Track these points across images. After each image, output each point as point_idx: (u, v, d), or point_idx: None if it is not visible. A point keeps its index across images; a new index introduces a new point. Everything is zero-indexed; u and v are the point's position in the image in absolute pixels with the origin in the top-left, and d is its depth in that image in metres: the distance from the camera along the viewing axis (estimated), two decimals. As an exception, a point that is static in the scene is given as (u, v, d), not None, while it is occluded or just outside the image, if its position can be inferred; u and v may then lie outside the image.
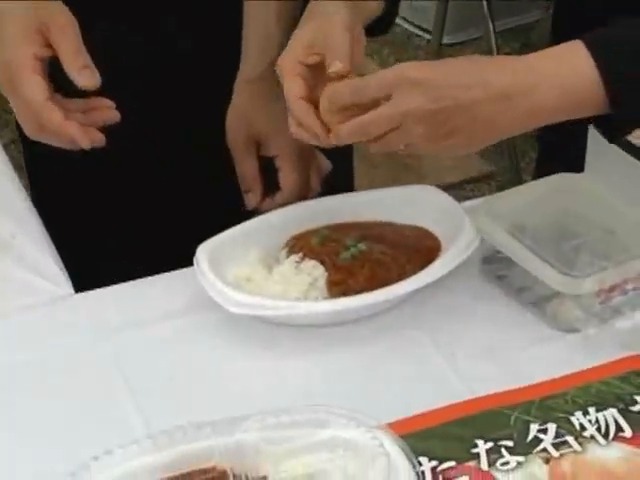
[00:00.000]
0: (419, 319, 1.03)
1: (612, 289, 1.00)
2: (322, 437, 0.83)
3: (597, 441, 0.89)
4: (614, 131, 0.99)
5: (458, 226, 1.05)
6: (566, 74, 0.94)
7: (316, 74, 0.98)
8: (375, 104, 0.94)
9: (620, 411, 0.92)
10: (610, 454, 0.88)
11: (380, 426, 0.86)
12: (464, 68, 0.95)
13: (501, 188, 2.49)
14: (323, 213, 1.09)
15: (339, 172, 1.32)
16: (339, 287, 1.01)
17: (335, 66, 0.96)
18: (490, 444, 0.89)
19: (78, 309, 1.05)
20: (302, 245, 1.04)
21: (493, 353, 0.99)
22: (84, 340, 1.01)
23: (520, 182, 2.42)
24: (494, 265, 1.06)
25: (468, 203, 1.12)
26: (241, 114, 1.13)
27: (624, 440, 0.89)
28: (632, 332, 0.99)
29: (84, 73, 1.00)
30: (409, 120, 0.92)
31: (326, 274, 1.02)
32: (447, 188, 2.57)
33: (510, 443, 0.89)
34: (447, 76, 0.93)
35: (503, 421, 0.91)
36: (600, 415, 0.91)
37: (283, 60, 1.00)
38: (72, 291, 1.07)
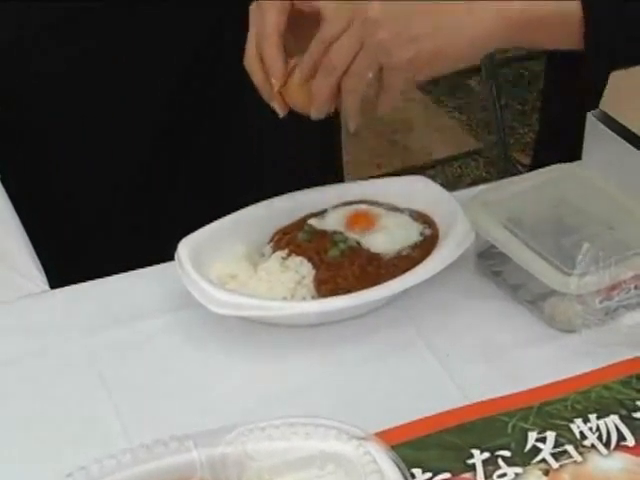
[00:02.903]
0: (411, 317, 0.98)
1: (613, 288, 0.96)
2: (311, 452, 0.79)
3: (598, 451, 0.85)
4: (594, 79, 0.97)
5: (452, 220, 1.01)
6: None
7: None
8: None
9: (622, 418, 0.88)
10: (612, 465, 0.84)
11: (372, 438, 0.81)
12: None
13: (489, 164, 2.46)
14: (310, 205, 1.04)
15: (326, 151, 1.29)
16: (327, 285, 0.96)
17: None
18: (487, 454, 0.85)
19: (52, 307, 1.00)
20: (288, 240, 1.00)
21: (488, 354, 0.95)
22: (58, 340, 0.96)
23: (507, 158, 2.38)
24: (489, 261, 1.02)
25: (462, 193, 1.08)
26: None
27: (626, 450, 0.85)
28: (634, 332, 0.95)
29: None
30: (369, 28, 0.90)
31: (314, 272, 0.97)
32: (434, 164, 2.55)
33: (507, 453, 0.85)
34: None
35: (500, 429, 0.87)
36: (601, 422, 0.87)
37: None
38: (47, 287, 1.02)
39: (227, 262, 0.99)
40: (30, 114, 1.17)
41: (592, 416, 0.88)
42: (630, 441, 0.86)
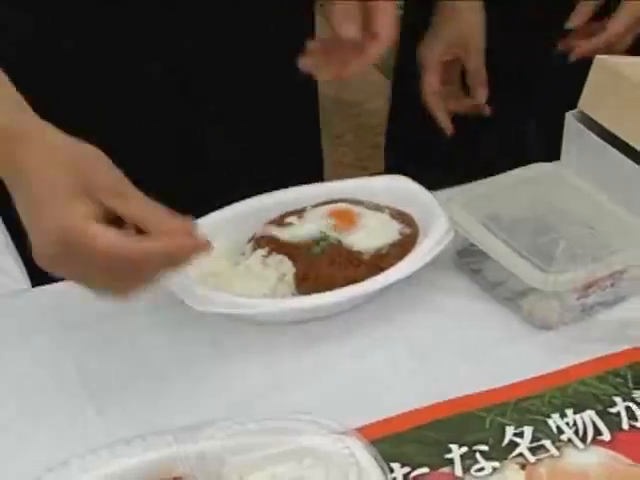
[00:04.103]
0: (390, 315, 0.99)
1: (590, 285, 0.97)
2: (290, 446, 0.80)
3: (575, 445, 0.86)
4: None
5: (431, 218, 1.02)
6: None
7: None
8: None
9: (598, 413, 0.89)
10: (588, 459, 0.85)
11: (350, 433, 0.82)
12: None
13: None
14: (289, 204, 1.05)
15: (307, 152, 1.30)
16: (308, 283, 0.97)
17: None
18: (465, 449, 0.86)
19: (34, 304, 1.01)
20: (269, 239, 1.00)
21: (467, 351, 0.96)
22: (39, 337, 0.97)
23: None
24: (468, 258, 1.03)
25: (441, 192, 1.09)
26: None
27: (602, 444, 0.86)
28: (610, 329, 0.96)
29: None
30: None
31: (294, 269, 0.98)
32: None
33: (485, 448, 0.86)
34: None
35: (478, 424, 0.88)
36: (578, 417, 0.88)
37: (429, 53, 1.28)
38: (29, 285, 1.03)
39: (208, 260, 0.99)
40: None
41: (569, 411, 0.89)
42: (606, 435, 0.87)
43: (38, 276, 1.02)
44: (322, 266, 0.98)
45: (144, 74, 1.12)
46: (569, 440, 0.87)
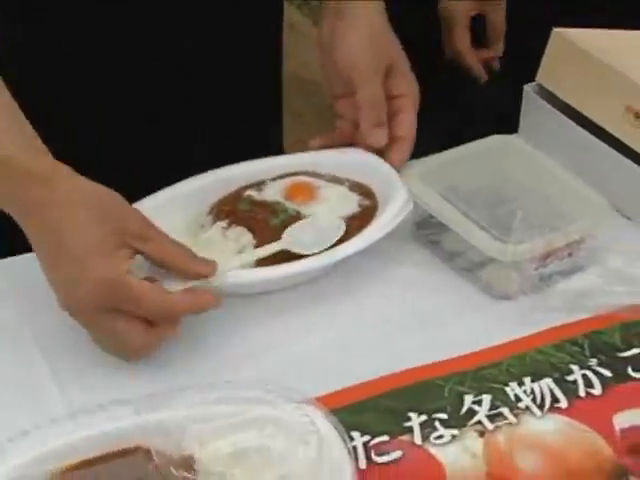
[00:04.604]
0: (350, 286, 1.00)
1: (547, 255, 0.98)
2: (251, 415, 0.80)
3: (532, 412, 0.87)
4: None
5: (390, 190, 1.02)
6: None
7: None
8: None
9: (555, 381, 0.90)
10: (545, 426, 0.86)
11: (311, 401, 0.83)
12: None
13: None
14: (248, 177, 1.05)
15: (267, 128, 1.30)
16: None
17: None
18: (424, 417, 0.87)
19: (-6, 277, 1.00)
20: (228, 211, 1.00)
21: (426, 322, 0.97)
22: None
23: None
24: (427, 230, 1.04)
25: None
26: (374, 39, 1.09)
27: (560, 411, 0.88)
28: (568, 299, 0.97)
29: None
30: None
31: (254, 241, 0.98)
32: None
33: (444, 416, 0.87)
34: None
35: (437, 393, 0.89)
36: (535, 385, 0.90)
37: (457, 10, 1.35)
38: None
39: (167, 233, 0.99)
40: None
41: (527, 379, 0.90)
42: (563, 403, 0.88)
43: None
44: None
45: (144, 74, 1.11)
46: (527, 408, 0.88)
